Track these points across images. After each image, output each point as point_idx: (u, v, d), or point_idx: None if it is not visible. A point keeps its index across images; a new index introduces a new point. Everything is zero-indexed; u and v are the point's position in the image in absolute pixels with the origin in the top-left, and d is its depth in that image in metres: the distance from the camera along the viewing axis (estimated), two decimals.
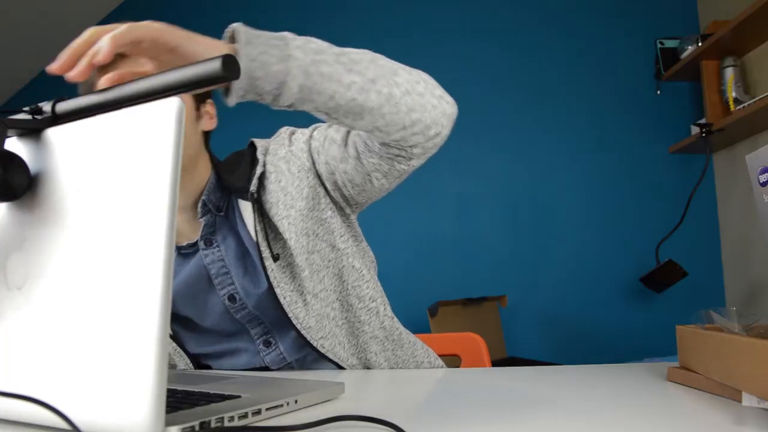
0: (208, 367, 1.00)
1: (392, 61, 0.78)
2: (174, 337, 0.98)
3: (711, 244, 2.40)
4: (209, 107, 0.97)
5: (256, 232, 0.91)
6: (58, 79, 0.58)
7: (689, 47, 2.29)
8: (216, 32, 0.96)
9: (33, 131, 0.53)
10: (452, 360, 1.15)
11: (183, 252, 0.96)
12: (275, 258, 0.90)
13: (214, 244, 0.94)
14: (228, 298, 0.93)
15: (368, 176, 0.89)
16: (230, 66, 0.48)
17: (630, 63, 2.50)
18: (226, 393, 0.58)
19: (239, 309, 0.94)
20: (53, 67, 0.58)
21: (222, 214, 0.96)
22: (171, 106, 0.44)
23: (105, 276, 0.44)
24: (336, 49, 0.71)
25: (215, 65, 0.48)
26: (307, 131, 0.98)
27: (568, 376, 0.79)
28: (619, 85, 2.50)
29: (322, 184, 0.95)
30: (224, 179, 0.96)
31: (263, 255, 0.90)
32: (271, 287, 0.90)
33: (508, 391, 0.69)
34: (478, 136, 2.53)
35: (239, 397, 0.57)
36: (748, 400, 0.54)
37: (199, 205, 0.94)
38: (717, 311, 0.65)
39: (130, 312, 0.42)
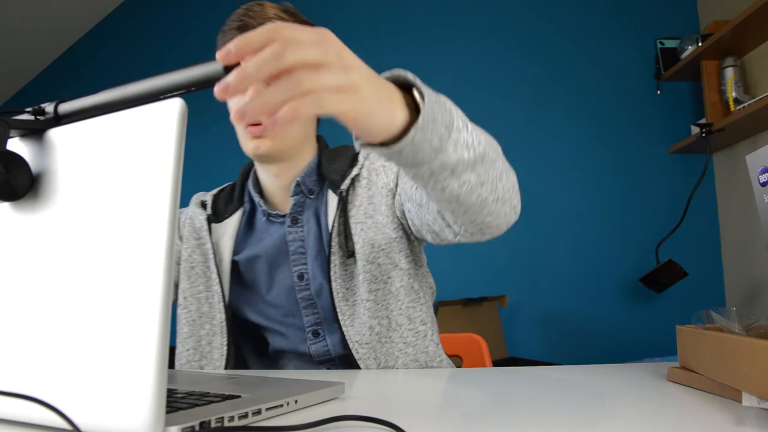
0: (264, 340, 1.02)
1: (504, 160, 0.76)
2: (228, 308, 0.99)
3: (711, 244, 2.40)
4: None
5: (333, 225, 0.97)
6: (59, 80, 0.58)
7: (689, 47, 2.29)
8: (213, 34, 0.96)
9: (35, 132, 0.53)
10: (454, 360, 1.15)
11: (271, 219, 1.03)
12: (349, 254, 0.96)
13: (299, 224, 1.00)
14: (297, 276, 0.99)
15: (425, 226, 0.89)
16: (232, 67, 0.48)
17: (630, 63, 2.50)
18: (226, 393, 0.58)
19: (303, 289, 0.98)
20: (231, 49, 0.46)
21: (312, 197, 1.02)
22: (173, 107, 0.44)
23: (106, 276, 0.44)
24: (476, 148, 0.64)
25: (218, 67, 0.48)
26: None
27: (568, 376, 0.79)
28: (619, 85, 2.50)
29: (396, 206, 0.98)
30: (323, 167, 1.02)
31: (332, 249, 0.95)
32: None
33: (509, 392, 0.69)
34: None
35: (239, 397, 0.57)
36: (748, 400, 0.55)
37: (293, 184, 1.00)
38: (717, 311, 0.65)
39: (131, 312, 0.42)
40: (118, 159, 0.47)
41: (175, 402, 0.54)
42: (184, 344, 1.00)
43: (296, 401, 0.58)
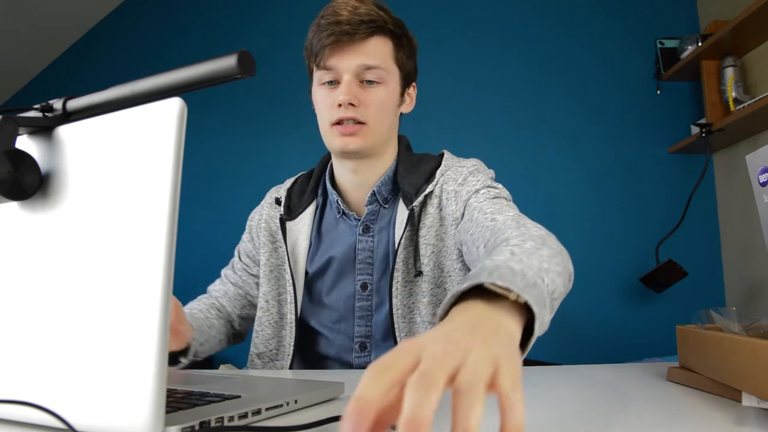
0: (313, 342, 1.02)
1: (562, 256, 0.75)
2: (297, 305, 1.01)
3: (711, 244, 2.40)
4: (412, 90, 1.03)
5: (399, 241, 0.94)
6: (58, 80, 0.57)
7: (689, 47, 2.29)
8: (213, 34, 0.96)
9: (43, 129, 0.53)
10: None
11: (344, 217, 1.01)
12: (417, 274, 0.94)
13: (370, 233, 1.00)
14: (361, 285, 0.98)
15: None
16: (245, 63, 0.48)
17: (630, 63, 2.50)
18: (226, 393, 0.58)
19: (364, 299, 0.98)
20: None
21: (387, 207, 1.00)
22: (173, 106, 0.44)
23: (107, 277, 0.44)
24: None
25: (231, 62, 0.47)
26: (478, 183, 0.95)
27: (569, 376, 0.79)
28: (619, 85, 2.50)
29: (456, 237, 0.96)
30: (399, 175, 0.99)
31: (396, 265, 0.94)
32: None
33: None
34: (478, 136, 2.53)
35: (239, 397, 0.57)
36: (748, 400, 0.55)
37: (369, 193, 0.99)
38: (717, 311, 0.65)
39: (132, 312, 0.42)
40: (120, 158, 0.47)
41: (175, 402, 0.54)
42: (266, 344, 1.00)
43: (296, 401, 0.58)
